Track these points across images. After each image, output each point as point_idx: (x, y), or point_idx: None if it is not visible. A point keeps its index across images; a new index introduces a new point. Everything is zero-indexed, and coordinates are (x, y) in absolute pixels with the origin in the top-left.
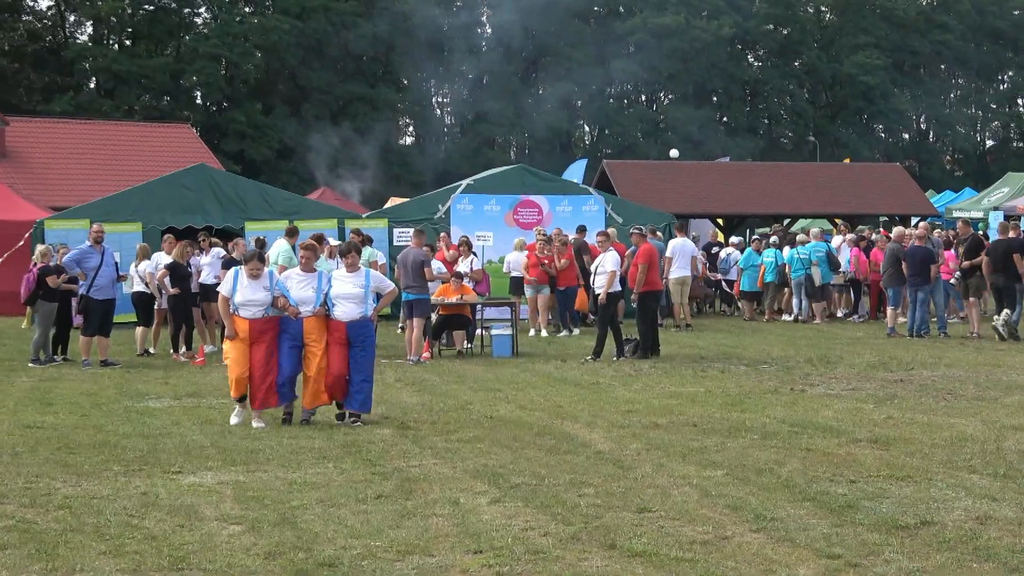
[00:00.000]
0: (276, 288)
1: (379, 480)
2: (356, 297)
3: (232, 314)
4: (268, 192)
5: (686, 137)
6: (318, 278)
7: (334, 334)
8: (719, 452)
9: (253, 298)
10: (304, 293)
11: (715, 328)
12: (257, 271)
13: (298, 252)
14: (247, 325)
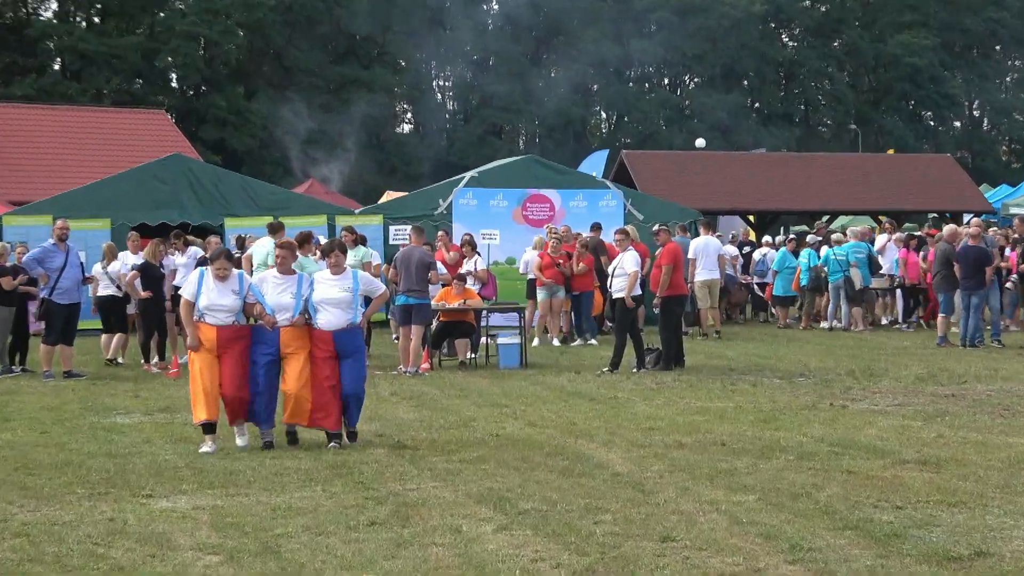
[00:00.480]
0: (249, 292)
1: (372, 505)
2: (342, 302)
3: (196, 321)
4: (251, 185)
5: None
6: (298, 281)
7: (319, 346)
8: (750, 474)
9: (220, 302)
10: (281, 299)
11: (746, 337)
12: (224, 272)
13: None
14: (214, 333)
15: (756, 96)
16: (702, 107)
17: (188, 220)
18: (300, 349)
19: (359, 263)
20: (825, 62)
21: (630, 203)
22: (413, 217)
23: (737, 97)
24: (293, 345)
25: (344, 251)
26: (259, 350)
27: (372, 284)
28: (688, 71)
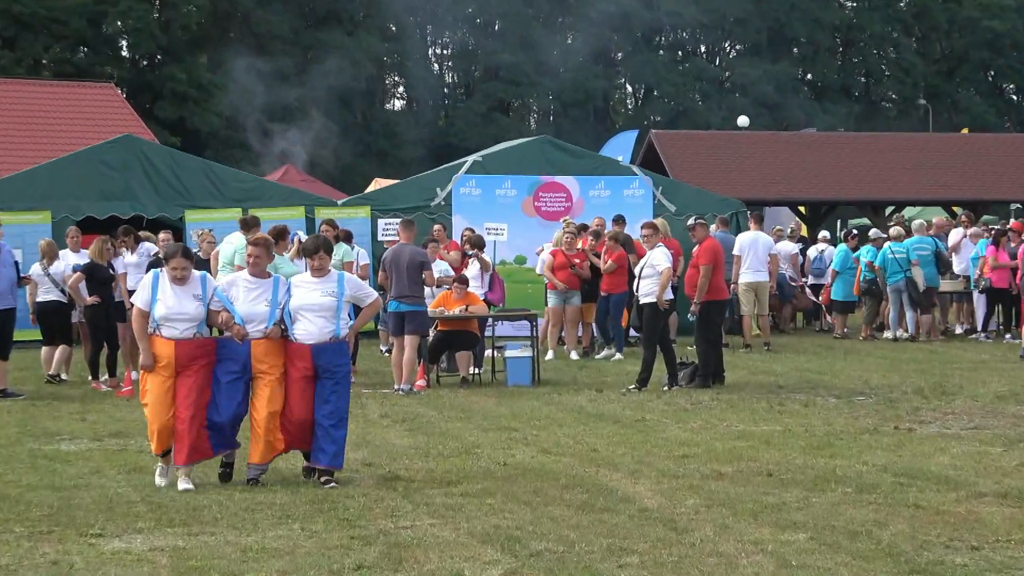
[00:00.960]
0: (214, 298)
1: (359, 546)
2: (325, 310)
3: (150, 334)
4: (215, 172)
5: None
6: (273, 286)
7: (295, 363)
8: (801, 509)
9: (179, 311)
10: (254, 307)
11: (796, 348)
12: (183, 272)
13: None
14: (171, 349)
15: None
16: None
17: (142, 213)
18: (274, 367)
19: (340, 263)
20: (889, 26)
21: (660, 192)
22: (406, 209)
23: (786, 68)
24: (267, 362)
25: (330, 251)
26: (224, 367)
27: (361, 289)
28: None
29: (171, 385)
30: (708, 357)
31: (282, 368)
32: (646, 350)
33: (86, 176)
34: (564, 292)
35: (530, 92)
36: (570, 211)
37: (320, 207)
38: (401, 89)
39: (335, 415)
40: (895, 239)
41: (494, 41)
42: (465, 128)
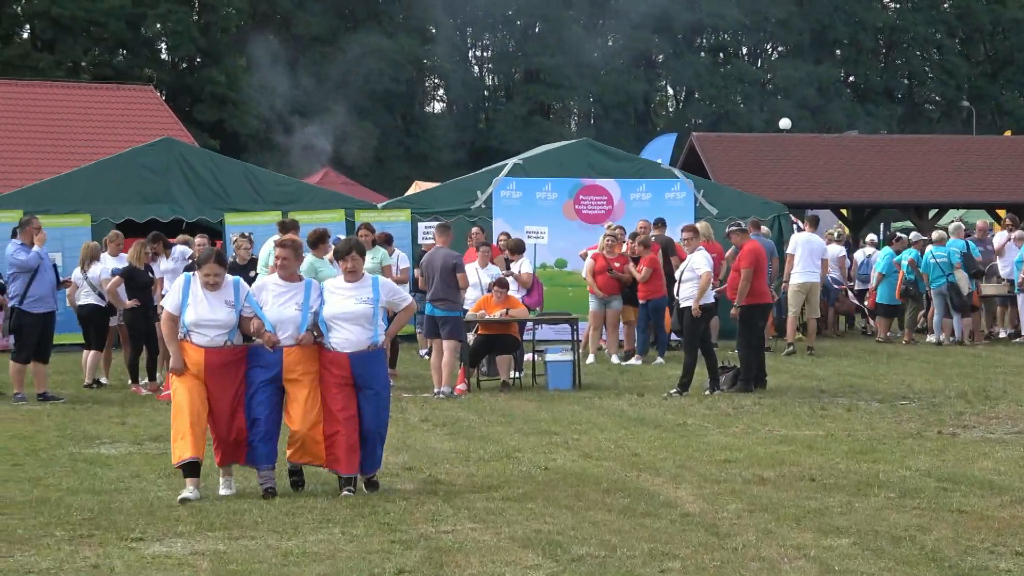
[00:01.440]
0: (245, 304)
1: (400, 550)
2: (360, 317)
3: (181, 339)
4: (255, 174)
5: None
6: (304, 290)
7: (332, 370)
8: (844, 514)
9: (210, 317)
10: (283, 311)
11: (838, 352)
12: (216, 279)
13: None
14: (201, 356)
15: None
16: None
17: (181, 216)
18: (307, 374)
19: (377, 267)
20: (932, 28)
21: (702, 195)
22: (446, 212)
23: (828, 70)
24: (299, 369)
25: (362, 253)
26: (256, 375)
27: (396, 295)
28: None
29: (200, 388)
30: (750, 361)
31: (316, 375)
32: (687, 354)
33: (125, 179)
34: (605, 296)
35: (571, 95)
36: (611, 214)
37: (360, 210)
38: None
39: (375, 425)
40: (937, 242)
41: (534, 43)
42: (505, 131)
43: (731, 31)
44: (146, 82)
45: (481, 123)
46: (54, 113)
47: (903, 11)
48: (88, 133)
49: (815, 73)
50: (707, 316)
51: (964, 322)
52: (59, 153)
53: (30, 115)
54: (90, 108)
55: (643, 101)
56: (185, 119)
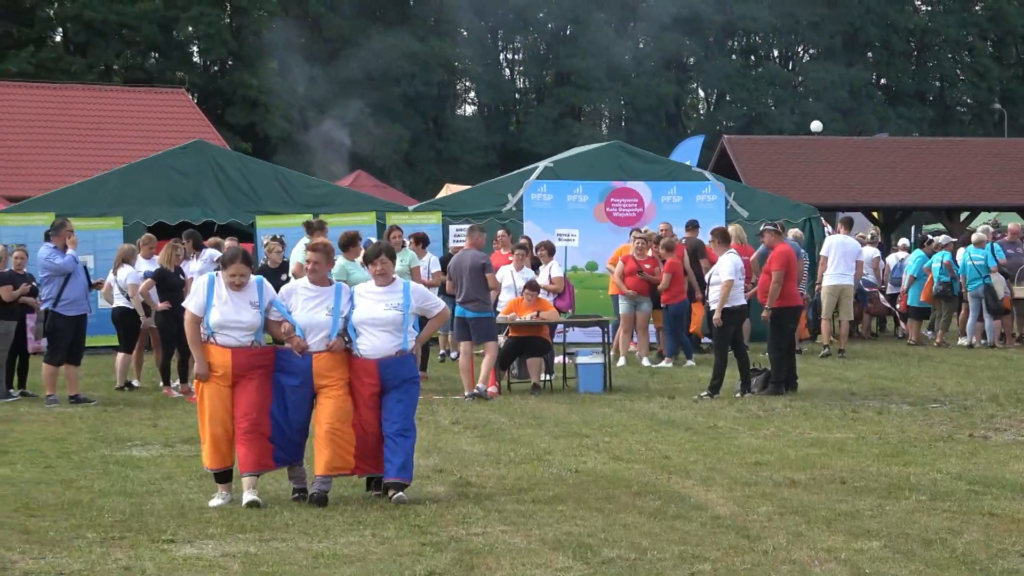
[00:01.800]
0: (272, 308)
1: (431, 552)
2: (390, 323)
3: (205, 342)
4: (287, 177)
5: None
6: (335, 294)
7: (362, 379)
8: (875, 517)
9: (236, 319)
10: (314, 316)
11: (869, 355)
12: (242, 279)
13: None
14: (228, 357)
15: (882, 71)
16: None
17: (213, 219)
18: (338, 381)
19: (406, 269)
20: (964, 30)
21: (733, 197)
22: (477, 215)
23: (860, 72)
24: (329, 376)
25: (392, 257)
26: (284, 380)
27: (427, 300)
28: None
29: (228, 394)
30: (781, 364)
31: (347, 381)
32: (717, 356)
33: (157, 182)
34: (634, 298)
35: (601, 97)
36: (642, 217)
37: (391, 213)
38: (472, 94)
39: (401, 425)
40: (977, 245)
41: (565, 46)
42: (536, 133)
43: (762, 33)
44: (178, 85)
45: (512, 126)
46: (87, 116)
47: (935, 13)
48: (120, 136)
49: (846, 75)
50: (738, 318)
51: (995, 324)
52: (91, 156)
53: (63, 118)
54: (122, 111)
55: (674, 103)
56: (217, 122)
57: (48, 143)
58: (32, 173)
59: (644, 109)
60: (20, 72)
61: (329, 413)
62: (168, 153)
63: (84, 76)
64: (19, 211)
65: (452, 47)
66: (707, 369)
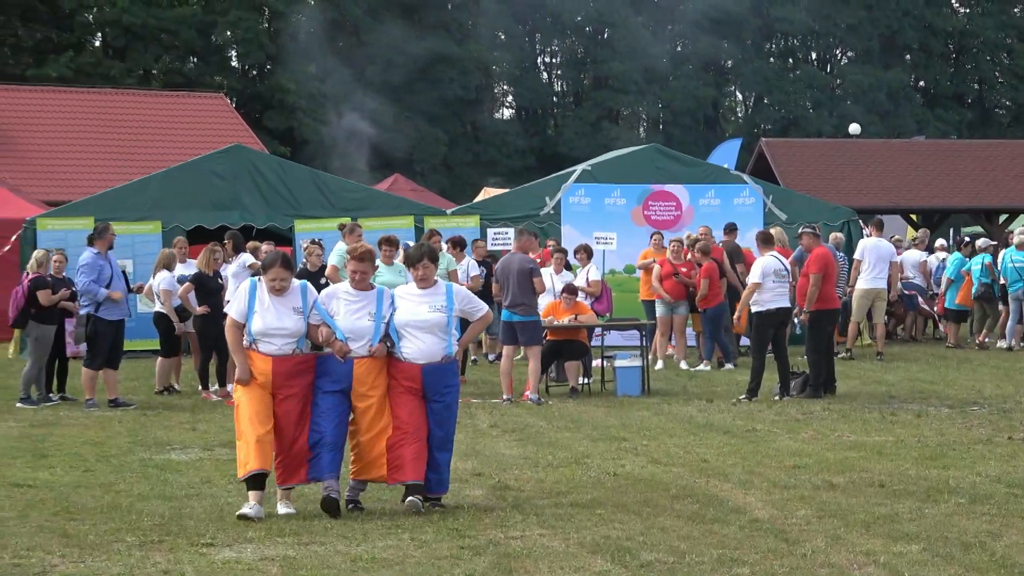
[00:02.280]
0: (314, 311)
1: (469, 556)
2: (434, 326)
3: (247, 348)
4: (325, 181)
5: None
6: (376, 298)
7: (401, 380)
8: (914, 520)
9: (278, 326)
10: (357, 322)
11: (908, 357)
12: (283, 283)
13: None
14: (269, 366)
15: (920, 73)
16: (856, 87)
17: (252, 223)
18: (377, 387)
19: (443, 272)
20: (1003, 32)
21: (771, 200)
22: (515, 218)
23: (898, 75)
24: (369, 381)
25: (435, 259)
26: (324, 384)
27: (471, 303)
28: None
29: (269, 401)
30: (819, 367)
31: (385, 388)
32: (755, 359)
33: (196, 186)
34: (671, 301)
35: (639, 100)
36: (679, 220)
37: (429, 216)
38: (510, 98)
39: (440, 439)
40: (1019, 247)
41: (603, 49)
42: (574, 137)
43: (800, 36)
44: (216, 89)
45: (550, 129)
46: (126, 121)
47: (973, 16)
48: (159, 140)
49: (884, 78)
50: (777, 322)
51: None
52: (130, 160)
53: (102, 123)
54: (161, 116)
55: (712, 106)
56: (255, 126)
57: (87, 148)
58: (71, 177)
59: (682, 112)
60: (60, 77)
61: (366, 427)
62: (207, 157)
63: (123, 81)
64: (59, 215)
65: (490, 51)
66: (745, 373)
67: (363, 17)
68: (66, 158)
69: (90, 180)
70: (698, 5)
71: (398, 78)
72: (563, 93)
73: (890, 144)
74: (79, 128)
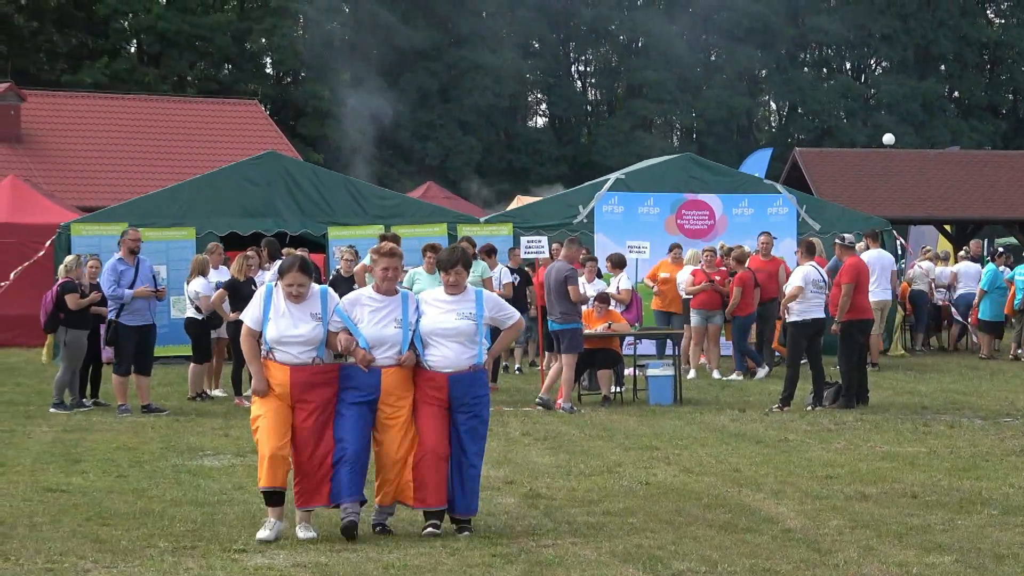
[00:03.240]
0: (335, 317)
1: (501, 564)
2: (461, 334)
3: (264, 358)
4: (358, 188)
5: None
6: (402, 304)
7: (428, 392)
8: (946, 532)
9: (294, 333)
10: (382, 330)
11: (941, 368)
12: (300, 289)
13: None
14: (286, 376)
15: (955, 84)
16: (890, 97)
17: (285, 229)
18: (404, 399)
19: (478, 280)
20: None
21: (804, 210)
22: (548, 227)
23: (932, 85)
24: (398, 394)
25: (468, 266)
26: (349, 396)
27: (502, 310)
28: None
29: (287, 413)
30: (851, 377)
31: (411, 403)
32: (789, 368)
33: (230, 193)
34: (706, 311)
35: (673, 109)
36: (713, 229)
37: (462, 224)
38: (543, 106)
39: (469, 454)
40: None
41: (638, 58)
42: (608, 146)
43: (835, 46)
44: (251, 96)
45: (583, 137)
46: (160, 127)
47: (1008, 26)
48: (194, 147)
49: (919, 88)
50: (812, 332)
51: None
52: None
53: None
54: (196, 122)
55: (745, 116)
56: (289, 133)
57: (122, 154)
58: (106, 183)
59: (715, 121)
60: (94, 83)
61: (395, 445)
62: (241, 164)
63: (158, 87)
64: (93, 221)
65: (523, 59)
66: (778, 382)
67: (397, 25)
68: (101, 164)
69: (124, 186)
70: (733, 14)
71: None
72: (597, 102)
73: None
74: (114, 134)
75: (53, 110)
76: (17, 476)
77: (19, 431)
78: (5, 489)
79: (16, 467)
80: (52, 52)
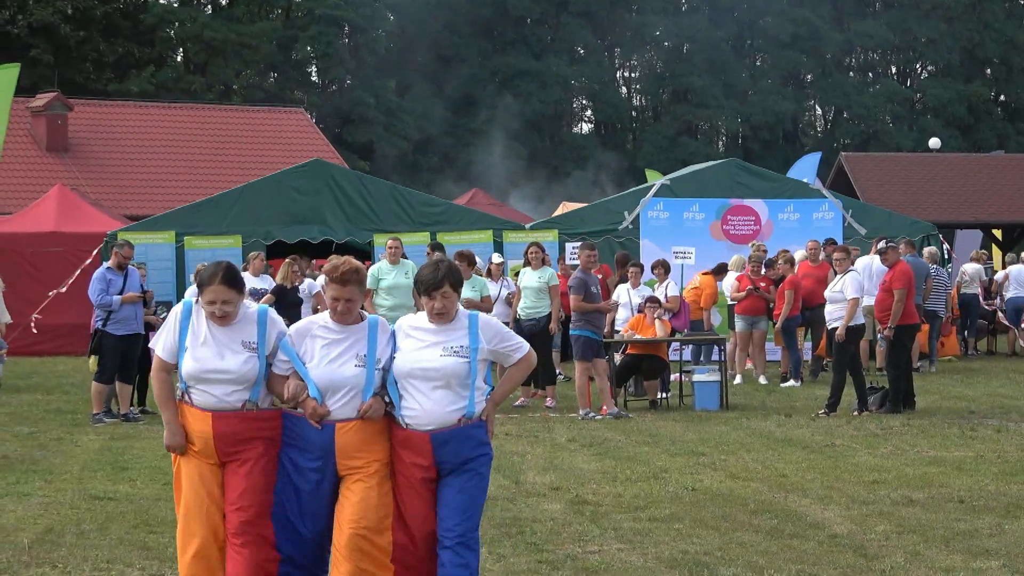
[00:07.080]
0: (280, 353)
1: (547, 570)
2: (449, 375)
3: (179, 400)
4: (404, 196)
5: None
6: (367, 335)
7: (408, 459)
8: (994, 537)
9: (218, 366)
10: (337, 370)
11: (988, 372)
12: (223, 308)
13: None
14: (208, 424)
15: (1001, 87)
16: (936, 100)
17: (332, 237)
18: (372, 463)
19: (476, 297)
20: None
21: (850, 215)
22: (593, 233)
23: (979, 88)
24: (359, 456)
25: (458, 285)
26: (296, 460)
27: (504, 340)
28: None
29: (214, 476)
30: (899, 382)
31: (385, 463)
32: (835, 374)
33: (276, 201)
34: (750, 316)
35: (719, 115)
36: (758, 234)
37: (508, 231)
38: (589, 112)
39: (461, 531)
40: None
41: (683, 64)
42: (653, 151)
43: (880, 50)
44: (297, 104)
45: (629, 144)
46: (206, 135)
47: None
48: (240, 155)
49: (965, 92)
50: (857, 337)
51: None
52: (211, 175)
53: (183, 137)
54: (242, 130)
55: (791, 121)
56: (335, 141)
57: (168, 162)
58: (152, 192)
59: (761, 126)
60: (141, 92)
61: (356, 512)
62: (287, 172)
63: (204, 95)
64: (139, 229)
65: (569, 65)
66: (824, 387)
67: (442, 32)
68: (147, 173)
69: (171, 194)
70: (778, 20)
71: (477, 92)
72: (642, 108)
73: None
74: (160, 143)
75: (100, 119)
76: (65, 484)
77: (66, 439)
78: (53, 497)
79: (64, 475)
80: (99, 61)
